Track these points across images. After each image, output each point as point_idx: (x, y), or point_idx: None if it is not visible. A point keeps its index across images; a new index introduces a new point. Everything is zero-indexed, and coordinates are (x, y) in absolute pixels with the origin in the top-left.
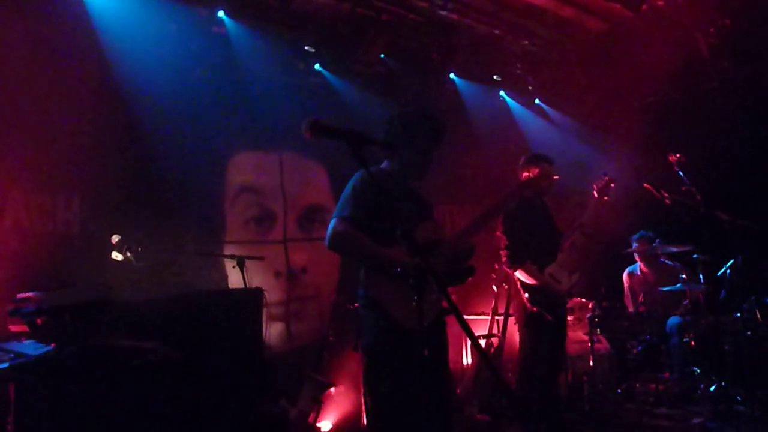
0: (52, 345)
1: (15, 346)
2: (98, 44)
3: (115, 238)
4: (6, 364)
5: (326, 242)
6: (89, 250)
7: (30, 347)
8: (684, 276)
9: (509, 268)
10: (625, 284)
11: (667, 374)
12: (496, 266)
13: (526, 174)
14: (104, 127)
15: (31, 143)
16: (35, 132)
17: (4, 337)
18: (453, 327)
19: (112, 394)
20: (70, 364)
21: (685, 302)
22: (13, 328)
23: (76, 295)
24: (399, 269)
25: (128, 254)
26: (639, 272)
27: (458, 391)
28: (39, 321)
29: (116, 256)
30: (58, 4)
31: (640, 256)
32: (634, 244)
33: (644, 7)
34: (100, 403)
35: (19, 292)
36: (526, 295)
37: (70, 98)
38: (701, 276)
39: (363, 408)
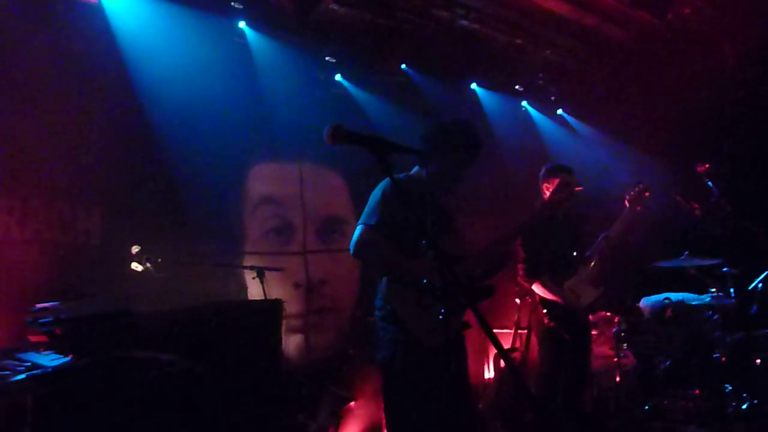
0: (70, 356)
1: (32, 356)
2: (119, 55)
3: (134, 249)
4: (23, 375)
5: (351, 249)
6: (109, 260)
7: (47, 358)
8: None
9: (526, 282)
10: None
11: (696, 391)
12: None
13: (546, 185)
14: (125, 138)
15: (52, 153)
16: (56, 142)
17: (23, 347)
18: (474, 341)
19: (129, 406)
20: (87, 376)
21: (714, 317)
22: (33, 338)
23: (95, 305)
24: (425, 281)
25: (148, 265)
26: None
27: (480, 406)
28: (57, 331)
29: (136, 266)
30: (80, 15)
31: None
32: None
33: (670, 15)
34: (117, 415)
35: (38, 302)
36: (544, 310)
37: (91, 109)
38: (732, 290)
39: (383, 423)
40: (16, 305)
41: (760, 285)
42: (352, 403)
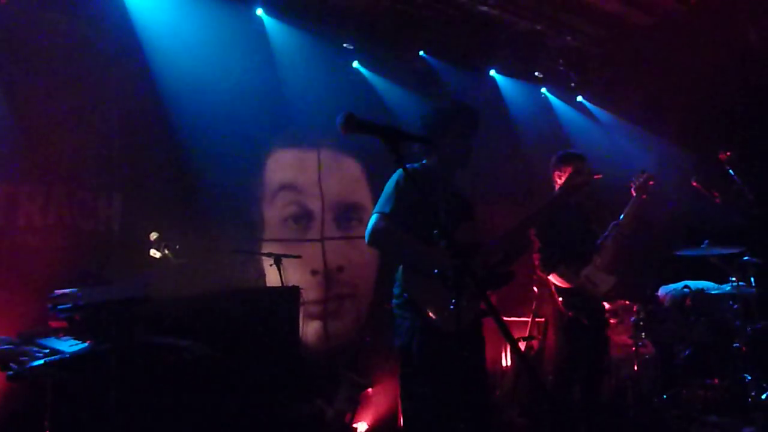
0: (89, 342)
1: (52, 342)
2: (138, 45)
3: (153, 236)
4: (41, 361)
5: (366, 238)
6: (128, 247)
7: (66, 344)
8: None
9: (542, 272)
10: None
11: (716, 380)
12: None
13: (558, 173)
14: (144, 127)
15: (73, 142)
16: (77, 132)
17: (44, 332)
18: (493, 328)
19: (148, 391)
20: (105, 362)
21: (735, 306)
22: (53, 324)
23: (114, 291)
24: (436, 270)
25: (166, 251)
26: None
27: (498, 393)
28: (77, 317)
29: (155, 253)
30: (100, 6)
31: None
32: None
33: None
34: (135, 400)
35: (59, 288)
36: (561, 299)
37: (111, 98)
38: (753, 279)
39: (400, 409)
40: (38, 291)
41: None
42: (369, 390)
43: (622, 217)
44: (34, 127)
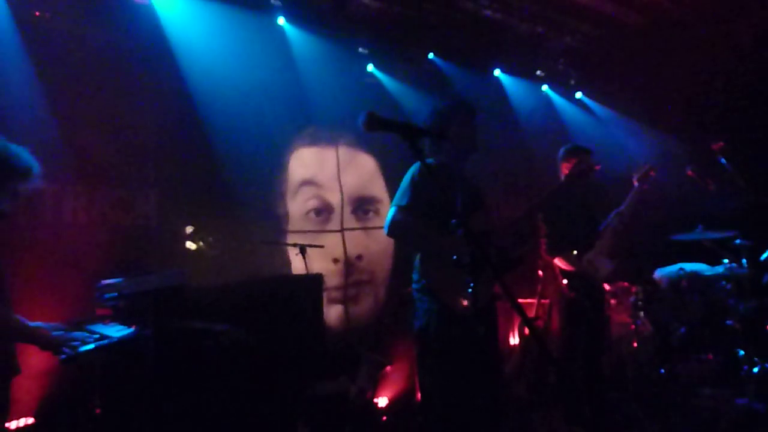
0: (133, 327)
1: (100, 327)
2: (170, 53)
3: (189, 229)
4: (92, 345)
5: (385, 230)
6: (166, 240)
7: (113, 329)
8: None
9: (548, 255)
10: None
11: (710, 356)
12: (541, 252)
13: (566, 165)
14: (178, 128)
15: (114, 144)
16: (116, 135)
17: (91, 320)
18: (502, 310)
19: (187, 372)
20: (149, 345)
21: (728, 286)
22: (99, 311)
23: (155, 281)
24: (455, 257)
25: (201, 243)
26: None
27: (506, 370)
28: (121, 305)
29: (190, 245)
30: (134, 16)
31: None
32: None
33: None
34: (175, 380)
35: (104, 279)
36: (565, 281)
37: (146, 103)
38: (744, 261)
39: (417, 385)
40: (85, 281)
41: None
42: (388, 368)
43: (624, 205)
44: (77, 132)
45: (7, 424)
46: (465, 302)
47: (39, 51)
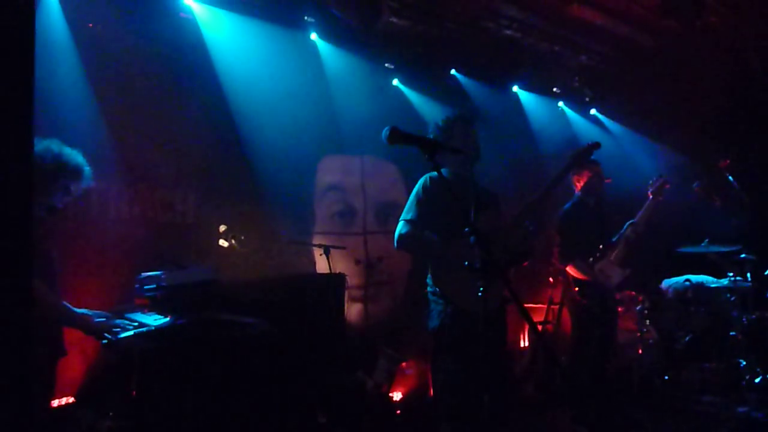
0: (169, 317)
1: (139, 316)
2: (210, 63)
3: (222, 228)
4: (131, 332)
5: (394, 243)
6: (201, 237)
7: (151, 318)
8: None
9: (561, 264)
10: None
11: (713, 364)
12: (553, 260)
13: (576, 177)
14: (216, 134)
15: (157, 147)
16: (157, 138)
17: (131, 308)
18: (512, 314)
19: (217, 360)
20: (183, 334)
21: (732, 298)
22: (138, 301)
23: (190, 275)
24: (466, 263)
25: (233, 241)
26: None
27: (516, 370)
28: (159, 296)
29: (223, 243)
30: (178, 29)
31: None
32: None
33: (697, 23)
34: (207, 367)
35: (144, 271)
36: (577, 288)
37: (186, 110)
38: (748, 274)
39: (430, 381)
40: (125, 273)
41: None
42: (404, 364)
43: (638, 216)
44: (124, 136)
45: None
46: (476, 305)
47: (92, 61)
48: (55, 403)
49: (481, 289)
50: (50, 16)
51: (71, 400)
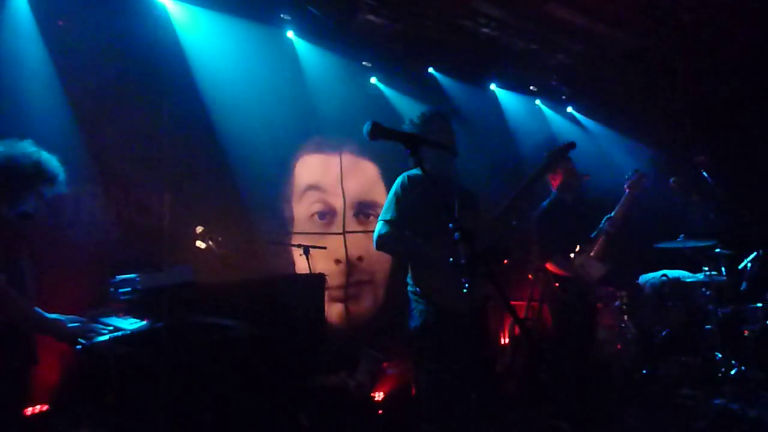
0: (145, 320)
1: (114, 321)
2: (185, 61)
3: (199, 229)
4: (106, 337)
5: (374, 244)
6: (177, 239)
7: (126, 322)
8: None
9: (540, 259)
10: None
11: (690, 358)
12: (532, 257)
13: (552, 176)
14: (190, 133)
15: (131, 149)
16: (133, 138)
17: (106, 313)
18: (493, 311)
19: (195, 364)
20: (161, 338)
21: (707, 293)
22: (114, 305)
23: (166, 277)
24: (451, 259)
25: (210, 243)
26: None
27: (497, 368)
28: (135, 299)
29: (200, 244)
30: (151, 26)
31: None
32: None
33: (672, 22)
34: (185, 371)
35: (119, 274)
36: (557, 284)
37: (163, 110)
38: (723, 269)
39: (412, 380)
40: (100, 276)
41: (748, 265)
42: (385, 364)
43: (615, 211)
44: (97, 137)
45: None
46: (458, 303)
47: (63, 59)
48: (29, 411)
49: (467, 285)
50: (18, 13)
51: (45, 407)
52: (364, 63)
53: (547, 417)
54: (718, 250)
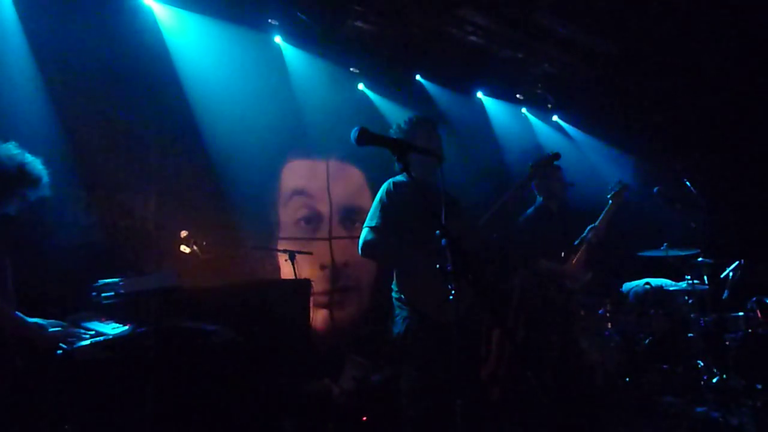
0: (129, 325)
1: (96, 325)
2: (171, 64)
3: (183, 233)
4: (87, 342)
5: (359, 250)
6: (161, 243)
7: (109, 327)
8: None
9: (524, 266)
10: None
11: (673, 366)
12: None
13: (537, 184)
14: (175, 137)
15: (114, 152)
16: (117, 141)
17: (88, 317)
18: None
19: (179, 369)
20: (144, 343)
21: (690, 301)
22: (96, 309)
23: (150, 282)
24: (438, 266)
25: (195, 247)
26: None
27: (481, 373)
28: (117, 304)
29: (184, 248)
30: (138, 29)
31: None
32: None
33: (654, 32)
34: (168, 376)
35: (101, 278)
36: (538, 288)
37: (148, 112)
38: (705, 278)
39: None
40: (83, 280)
41: (730, 274)
42: (370, 370)
43: (598, 220)
44: (81, 138)
45: None
46: (442, 310)
47: (46, 59)
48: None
49: (453, 292)
50: (2, 15)
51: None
52: (351, 69)
53: (531, 425)
54: (700, 259)
